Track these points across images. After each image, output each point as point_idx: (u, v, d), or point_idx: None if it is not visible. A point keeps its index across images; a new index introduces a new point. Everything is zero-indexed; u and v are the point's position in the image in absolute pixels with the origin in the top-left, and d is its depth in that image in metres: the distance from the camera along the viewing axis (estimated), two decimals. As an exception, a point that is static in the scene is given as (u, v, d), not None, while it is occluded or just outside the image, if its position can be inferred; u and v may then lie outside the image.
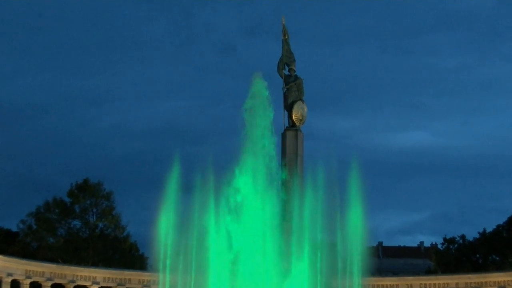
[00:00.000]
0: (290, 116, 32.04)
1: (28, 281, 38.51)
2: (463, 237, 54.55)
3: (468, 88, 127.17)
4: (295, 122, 31.96)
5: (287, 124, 32.04)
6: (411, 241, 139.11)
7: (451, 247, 54.59)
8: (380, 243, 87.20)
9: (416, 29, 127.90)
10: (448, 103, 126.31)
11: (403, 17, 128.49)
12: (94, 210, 52.27)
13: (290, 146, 31.33)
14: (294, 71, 32.76)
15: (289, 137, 31.51)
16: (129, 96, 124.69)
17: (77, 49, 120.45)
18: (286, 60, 32.78)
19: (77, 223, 52.11)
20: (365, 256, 28.75)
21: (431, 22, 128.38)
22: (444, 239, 55.50)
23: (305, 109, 32.19)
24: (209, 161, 28.87)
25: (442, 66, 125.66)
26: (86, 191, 52.08)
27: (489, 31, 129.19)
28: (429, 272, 55.51)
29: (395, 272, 67.79)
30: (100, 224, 52.36)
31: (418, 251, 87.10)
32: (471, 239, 53.99)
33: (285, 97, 32.28)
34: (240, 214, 28.48)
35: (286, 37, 32.81)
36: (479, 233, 53.43)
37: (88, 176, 53.09)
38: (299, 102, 32.14)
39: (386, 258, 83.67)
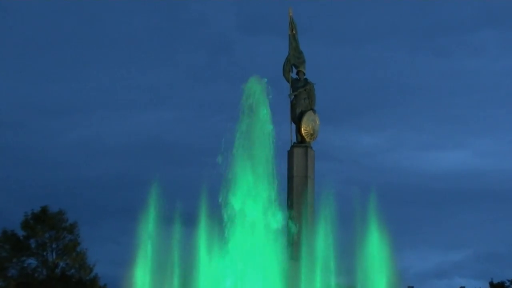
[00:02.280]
0: (298, 130, 32.11)
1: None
2: (514, 281, 54.71)
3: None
4: (305, 137, 32.03)
5: (294, 140, 32.12)
6: (448, 286, 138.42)
7: (499, 293, 54.69)
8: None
9: (454, 25, 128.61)
10: (494, 115, 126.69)
11: (438, 11, 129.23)
12: (54, 245, 52.26)
13: (298, 166, 31.38)
14: (304, 74, 32.89)
15: (297, 156, 31.57)
16: (102, 105, 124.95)
17: (37, 47, 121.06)
18: (294, 61, 32.89)
19: (32, 261, 52.08)
20: (391, 304, 28.81)
21: (472, 18, 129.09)
22: (491, 284, 55.55)
23: (317, 122, 32.26)
24: (198, 186, 28.99)
25: (487, 70, 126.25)
26: (45, 222, 52.09)
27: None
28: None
29: (429, 326, 67.60)
30: (61, 263, 52.31)
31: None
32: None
33: (293, 106, 32.42)
34: (237, 252, 28.54)
35: (294, 32, 32.92)
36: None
37: (48, 203, 53.20)
38: (310, 113, 32.23)
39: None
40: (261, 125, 29.98)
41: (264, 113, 30.10)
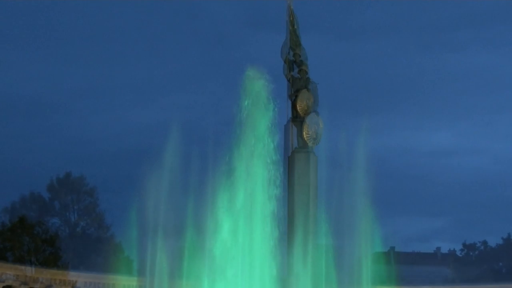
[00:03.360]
0: (300, 134, 32.13)
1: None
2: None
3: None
4: (307, 141, 31.95)
5: (296, 144, 32.16)
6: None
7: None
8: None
9: (465, 20, 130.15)
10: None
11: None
12: (33, 259, 52.01)
13: (299, 173, 31.38)
14: (306, 73, 32.78)
15: (299, 162, 31.58)
16: (86, 105, 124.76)
17: (26, 44, 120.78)
18: (295, 58, 32.84)
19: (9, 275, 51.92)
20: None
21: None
22: None
23: (321, 125, 32.23)
24: (189, 196, 29.65)
25: (504, 68, 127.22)
26: (24, 229, 51.83)
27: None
28: None
29: None
30: (41, 278, 52.09)
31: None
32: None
33: (294, 108, 32.46)
34: (235, 267, 28.68)
35: (294, 27, 32.91)
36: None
37: (26, 212, 53.09)
38: (313, 115, 32.23)
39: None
40: (260, 132, 30.08)
41: (262, 120, 30.21)
